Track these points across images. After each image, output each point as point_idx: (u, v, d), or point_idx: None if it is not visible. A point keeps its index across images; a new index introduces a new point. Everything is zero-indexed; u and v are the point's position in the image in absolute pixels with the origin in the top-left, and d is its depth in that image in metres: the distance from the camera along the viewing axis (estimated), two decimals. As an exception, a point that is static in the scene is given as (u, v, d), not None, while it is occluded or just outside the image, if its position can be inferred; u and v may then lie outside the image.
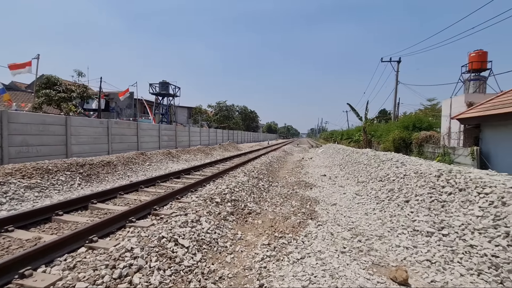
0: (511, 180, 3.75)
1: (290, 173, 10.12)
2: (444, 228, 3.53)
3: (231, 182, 6.44)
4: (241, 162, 11.42)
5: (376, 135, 23.47)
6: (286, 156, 17.38)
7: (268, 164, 11.17)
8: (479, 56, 14.57)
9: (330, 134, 58.05)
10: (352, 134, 33.67)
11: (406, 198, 4.89)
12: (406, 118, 20.71)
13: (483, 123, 11.67)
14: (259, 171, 8.90)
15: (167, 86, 24.70)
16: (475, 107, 12.51)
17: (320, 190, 7.16)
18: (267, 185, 7.46)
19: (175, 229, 3.41)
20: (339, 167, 11.26)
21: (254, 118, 62.33)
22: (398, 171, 6.40)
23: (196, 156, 14.80)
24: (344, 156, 13.28)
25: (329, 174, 9.73)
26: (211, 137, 29.94)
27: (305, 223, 4.46)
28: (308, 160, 15.10)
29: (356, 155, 11.54)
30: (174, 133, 22.47)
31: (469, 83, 14.89)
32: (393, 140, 18.41)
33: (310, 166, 12.30)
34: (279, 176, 9.49)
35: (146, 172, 9.51)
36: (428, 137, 16.39)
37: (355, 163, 10.19)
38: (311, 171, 10.74)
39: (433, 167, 5.39)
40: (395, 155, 8.64)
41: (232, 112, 49.32)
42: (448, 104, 15.99)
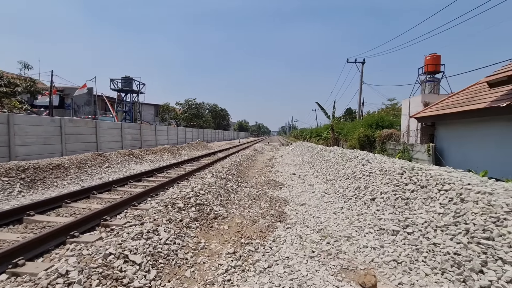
0: (467, 177, 3.91)
1: (260, 172, 9.95)
2: (409, 226, 3.55)
3: (197, 184, 6.05)
4: (210, 162, 11.00)
5: (343, 132, 24.41)
6: (256, 154, 17.23)
7: (238, 164, 10.89)
8: (434, 59, 15.75)
9: (300, 132, 59.45)
10: (320, 132, 34.74)
11: (372, 196, 4.94)
12: (370, 117, 21.80)
13: (438, 122, 12.55)
14: (228, 171, 8.58)
15: (130, 82, 23.10)
16: (430, 107, 13.44)
17: (290, 189, 7.06)
18: (235, 186, 7.18)
19: (126, 243, 2.98)
20: (309, 165, 11.36)
21: (225, 116, 61.56)
22: (364, 168, 6.52)
23: (162, 156, 13.99)
24: (313, 154, 13.47)
25: (299, 173, 9.74)
26: (180, 136, 28.82)
27: (274, 226, 4.27)
28: (279, 159, 15.11)
29: (325, 153, 11.74)
30: (139, 132, 21.20)
31: (425, 84, 16.03)
32: (358, 137, 19.25)
33: (280, 165, 12.26)
34: (249, 176, 9.26)
35: (104, 175, 8.67)
36: (390, 135, 17.36)
37: (324, 161, 10.34)
38: (281, 169, 10.68)
39: (397, 165, 5.54)
40: (361, 153, 8.88)
41: (202, 110, 48.10)
42: (407, 104, 17.06)
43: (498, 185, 3.59)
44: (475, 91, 10.79)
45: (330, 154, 10.90)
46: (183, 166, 10.34)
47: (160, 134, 24.60)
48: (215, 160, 12.04)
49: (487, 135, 9.36)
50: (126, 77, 22.97)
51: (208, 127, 45.79)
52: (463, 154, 10.55)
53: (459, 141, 10.98)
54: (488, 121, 9.23)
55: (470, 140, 10.29)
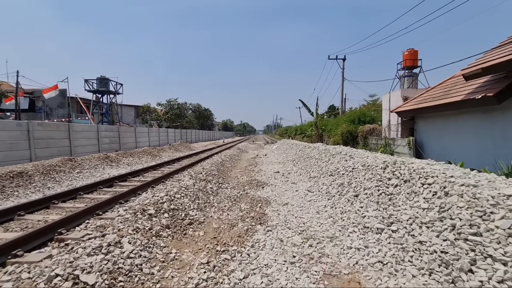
0: (450, 169, 3.80)
1: (243, 172, 9.64)
2: (393, 224, 3.37)
3: (173, 187, 5.65)
4: (191, 163, 10.55)
5: (327, 129, 24.58)
6: (240, 154, 16.91)
7: (220, 164, 10.52)
8: (411, 54, 16.06)
9: (285, 130, 59.65)
10: (305, 129, 34.89)
11: (356, 192, 4.77)
12: (352, 113, 22.05)
13: (417, 115, 12.75)
14: (209, 172, 8.21)
15: (106, 82, 21.97)
16: (409, 101, 13.66)
17: (272, 188, 6.80)
18: (216, 187, 6.82)
19: (79, 260, 2.58)
20: (292, 162, 11.19)
21: (208, 116, 60.63)
22: (347, 164, 6.37)
23: (141, 159, 13.36)
24: (297, 151, 13.33)
25: (282, 171, 9.52)
26: (162, 137, 27.96)
27: (253, 229, 3.98)
28: (263, 157, 14.86)
29: (308, 150, 11.61)
30: (117, 134, 20.31)
31: (404, 79, 16.33)
32: (341, 133, 19.38)
33: (264, 163, 12.01)
34: (231, 176, 8.92)
35: (74, 181, 8.03)
36: (372, 130, 17.57)
37: (308, 158, 10.19)
38: (265, 168, 10.43)
39: (379, 159, 5.41)
40: (343, 149, 8.78)
41: (185, 110, 47.06)
42: (387, 99, 17.33)
43: (481, 176, 3.48)
44: (452, 85, 11.00)
45: (313, 151, 10.77)
46: (162, 169, 9.84)
47: (141, 136, 23.73)
48: (197, 161, 11.59)
49: (463, 127, 9.54)
50: (102, 78, 21.82)
51: (191, 127, 44.86)
52: (442, 146, 10.73)
53: (437, 134, 11.17)
54: (464, 113, 9.39)
55: (448, 133, 10.47)
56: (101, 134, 17.89)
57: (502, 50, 7.81)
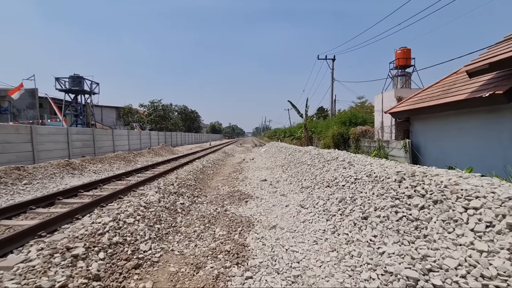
0: (501, 187, 2.73)
1: (225, 180, 8.41)
2: (433, 272, 2.25)
3: (129, 206, 4.36)
4: (166, 170, 9.22)
5: (317, 131, 23.70)
6: (225, 158, 15.66)
7: (200, 171, 9.24)
8: (404, 52, 15.38)
9: (274, 132, 58.75)
10: (294, 132, 33.99)
11: (364, 213, 3.66)
12: (343, 114, 21.25)
13: (412, 116, 11.94)
14: (183, 182, 6.92)
15: (80, 81, 20.13)
16: (404, 101, 12.87)
17: (258, 202, 5.61)
18: (188, 202, 5.56)
19: None
20: (282, 168, 10.06)
21: (195, 118, 58.91)
22: (347, 173, 5.28)
23: (112, 165, 11.84)
24: (286, 155, 12.23)
25: (270, 179, 8.36)
26: (144, 140, 26.29)
27: (227, 275, 2.77)
28: (249, 162, 13.67)
29: (299, 154, 10.52)
30: (92, 138, 18.64)
31: (397, 79, 15.62)
32: (332, 135, 18.46)
33: (250, 169, 10.82)
34: (211, 186, 7.67)
35: (17, 196, 6.53)
36: (364, 132, 16.74)
37: (299, 163, 9.09)
38: (251, 175, 9.24)
39: (390, 169, 4.33)
40: (340, 153, 7.72)
41: (170, 112, 45.27)
42: (380, 99, 16.58)
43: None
44: (450, 83, 10.22)
45: (305, 155, 9.69)
46: (129, 178, 8.42)
47: (119, 139, 22.06)
48: (174, 167, 10.26)
49: (465, 128, 8.72)
50: (75, 76, 19.96)
51: (177, 130, 43.10)
52: (440, 149, 9.91)
53: (435, 136, 10.36)
54: (465, 113, 8.58)
55: (447, 135, 9.65)
56: (71, 138, 16.24)
57: (510, 44, 6.97)
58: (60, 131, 15.34)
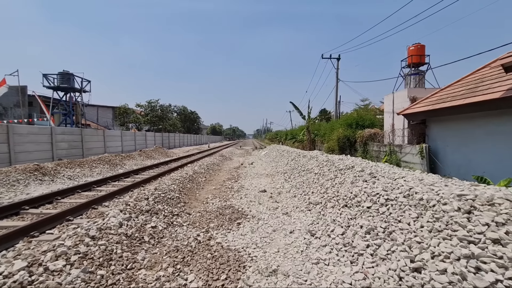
0: None
1: (218, 191, 7.12)
2: None
3: (70, 237, 3.07)
4: (149, 178, 7.93)
5: (320, 134, 22.40)
6: (222, 162, 14.36)
7: (189, 178, 7.95)
8: (418, 49, 14.10)
9: (275, 134, 57.44)
10: (296, 134, 32.67)
11: (414, 261, 2.35)
12: (349, 116, 19.95)
13: (430, 119, 10.64)
14: (163, 194, 5.62)
15: (69, 78, 18.88)
16: (419, 102, 11.58)
17: (254, 225, 4.31)
18: (163, 225, 4.25)
19: None
20: (284, 176, 8.75)
21: (195, 119, 57.70)
22: (371, 189, 3.97)
23: (93, 169, 10.55)
24: (289, 160, 10.93)
25: (271, 189, 7.06)
26: (139, 141, 25.05)
27: None
28: (248, 167, 12.38)
29: (304, 160, 9.22)
30: (80, 138, 17.41)
31: (410, 78, 14.32)
32: (337, 139, 17.12)
33: (248, 176, 9.52)
34: (198, 199, 6.37)
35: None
36: (373, 135, 15.41)
37: (304, 171, 7.78)
38: (248, 184, 7.94)
39: (439, 188, 3.02)
40: (355, 161, 6.40)
41: (169, 112, 44.05)
42: (390, 100, 15.28)
43: None
44: (477, 80, 8.90)
45: (311, 161, 8.38)
46: (101, 187, 7.08)
47: (112, 140, 20.83)
48: (161, 173, 8.98)
49: (496, 132, 7.40)
50: (64, 72, 18.70)
51: (176, 131, 41.86)
52: (464, 156, 8.58)
53: (458, 140, 9.04)
54: (498, 115, 7.26)
55: (472, 139, 8.33)
56: (56, 138, 15.02)
57: None
58: (42, 131, 14.12)
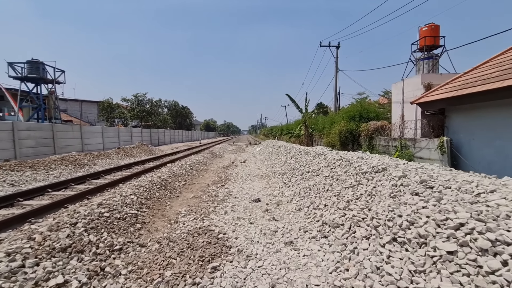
0: None
1: (196, 201, 5.36)
2: None
3: None
4: (104, 185, 6.13)
5: (318, 128, 20.71)
6: (210, 160, 12.57)
7: (160, 184, 6.16)
8: (431, 30, 12.42)
9: (270, 129, 55.66)
10: (292, 129, 30.99)
11: None
12: (351, 108, 18.30)
13: (450, 107, 9.02)
14: (108, 213, 3.84)
15: (38, 67, 16.64)
16: (437, 89, 9.93)
17: (238, 273, 2.58)
18: (83, 278, 2.50)
19: None
20: (283, 178, 7.03)
21: (187, 114, 55.48)
22: (441, 215, 2.27)
23: (50, 172, 8.64)
24: (287, 158, 9.21)
25: (267, 197, 5.34)
26: (124, 138, 23.04)
27: None
28: (239, 166, 10.62)
29: (306, 158, 7.49)
30: (51, 134, 15.39)
31: (423, 62, 12.65)
32: (339, 133, 15.41)
33: (238, 178, 7.78)
34: (166, 215, 4.60)
35: None
36: (380, 128, 13.73)
37: (308, 172, 6.07)
38: (237, 189, 6.20)
39: None
40: (385, 161, 4.66)
41: (160, 108, 41.83)
42: (399, 88, 13.61)
43: None
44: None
45: (316, 159, 6.66)
46: (31, 201, 5.25)
47: (91, 136, 18.81)
48: (127, 176, 7.18)
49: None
50: (33, 61, 16.47)
51: (166, 127, 39.74)
52: (499, 150, 6.98)
53: (487, 132, 7.42)
54: None
55: (508, 131, 6.75)
56: (20, 134, 13.04)
57: None
58: (2, 126, 12.17)
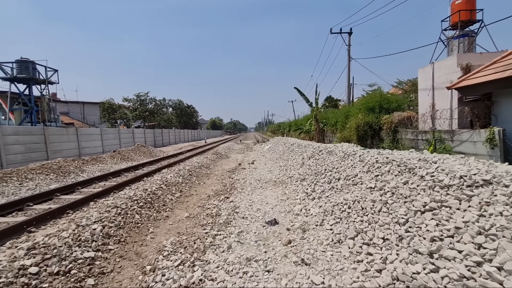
0: None
1: (190, 226, 3.92)
2: None
3: None
4: (73, 203, 4.76)
5: (330, 123, 18.99)
6: (215, 162, 11.13)
7: (146, 200, 4.75)
8: (467, 3, 10.59)
9: (278, 126, 53.93)
10: (301, 124, 29.33)
11: None
12: (369, 99, 16.56)
13: (499, 91, 7.31)
14: (37, 270, 2.45)
15: (29, 66, 15.51)
16: (480, 70, 8.16)
17: None
18: None
19: None
20: (302, 186, 5.51)
21: (192, 113, 54.26)
22: None
23: (24, 184, 7.35)
24: (304, 158, 7.67)
25: (286, 218, 3.85)
26: (125, 140, 21.82)
27: None
28: (247, 168, 9.15)
29: (331, 159, 5.93)
30: (43, 139, 14.21)
31: (457, 41, 10.83)
32: (356, 126, 13.65)
33: (246, 186, 6.31)
34: (142, 254, 3.16)
35: None
36: (406, 119, 11.95)
37: (337, 179, 4.54)
38: (245, 204, 4.74)
39: None
40: (475, 166, 3.06)
41: (164, 107, 40.66)
42: (428, 73, 11.80)
43: None
44: None
45: (347, 161, 5.10)
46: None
47: (88, 139, 17.61)
48: (108, 188, 5.81)
49: None
50: (22, 60, 15.35)
51: (171, 127, 38.56)
52: None
53: None
54: None
55: None
56: (6, 140, 11.85)
57: None
58: (-14, 130, 11.04)
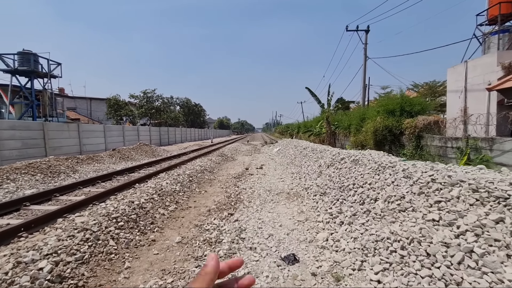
0: None
1: (181, 258, 2.92)
2: None
3: None
4: (38, 219, 3.85)
5: (342, 125, 17.76)
6: (219, 165, 10.15)
7: (128, 218, 3.81)
8: (510, -7, 9.32)
9: (286, 127, 52.66)
10: (311, 126, 28.11)
11: None
12: (388, 101, 15.32)
13: None
14: None
15: (29, 58, 14.88)
16: (530, 69, 6.97)
17: None
18: None
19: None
20: (324, 201, 4.46)
21: (199, 112, 53.59)
22: None
23: (4, 185, 6.55)
24: (322, 166, 6.59)
25: (308, 250, 2.84)
26: (129, 137, 21.11)
27: None
28: (255, 173, 8.13)
29: (359, 170, 4.84)
30: (41, 134, 13.52)
31: (496, 37, 9.56)
32: (374, 130, 12.39)
33: (254, 199, 5.30)
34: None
35: None
36: (432, 124, 10.65)
37: (374, 200, 3.48)
38: (253, 226, 3.72)
39: None
40: None
41: (171, 105, 40.06)
42: (460, 73, 10.54)
43: None
44: None
45: (383, 175, 4.00)
46: None
47: (91, 136, 16.92)
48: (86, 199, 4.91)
49: None
50: (24, 52, 14.78)
51: (178, 125, 37.90)
52: None
53: None
54: None
55: None
56: (2, 134, 11.19)
57: None
58: (-21, 124, 10.39)
